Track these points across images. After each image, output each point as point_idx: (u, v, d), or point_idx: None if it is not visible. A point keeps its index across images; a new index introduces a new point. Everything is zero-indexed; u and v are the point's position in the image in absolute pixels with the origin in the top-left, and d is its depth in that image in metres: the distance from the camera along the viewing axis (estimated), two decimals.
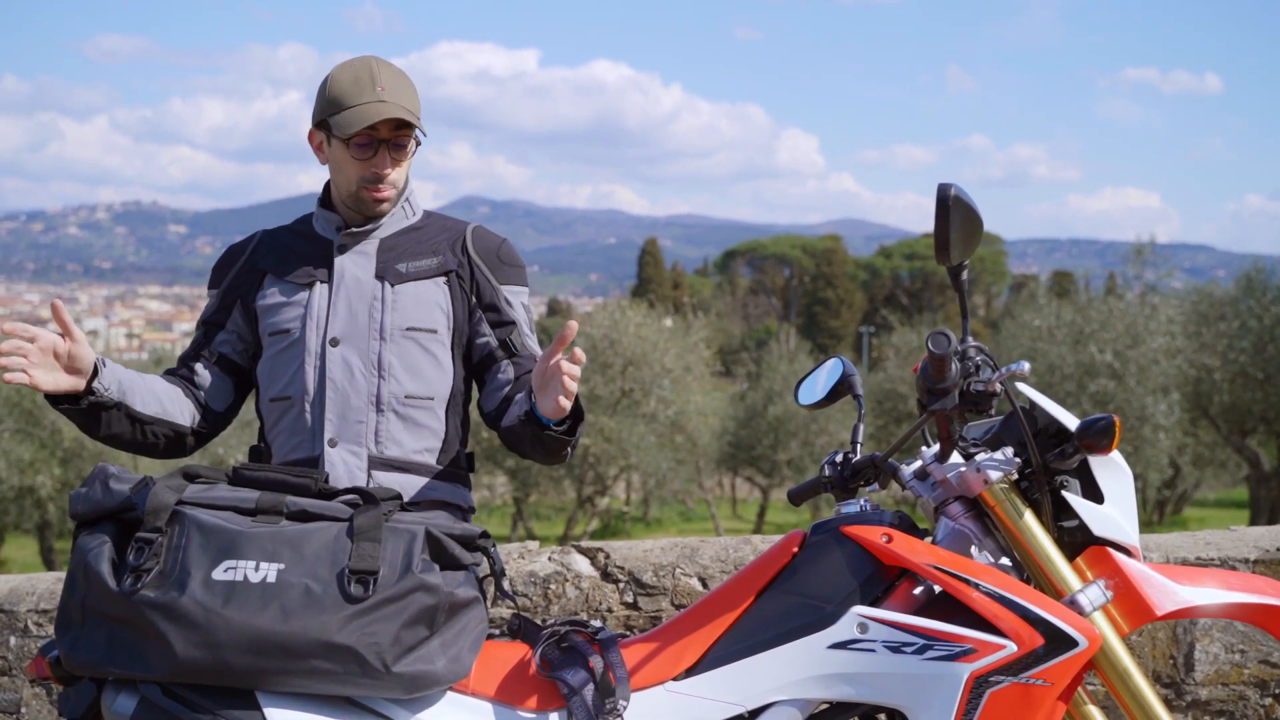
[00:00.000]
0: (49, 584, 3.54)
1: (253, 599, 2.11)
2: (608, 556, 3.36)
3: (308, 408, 2.74)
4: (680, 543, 3.42)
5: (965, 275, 2.36)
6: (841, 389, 2.61)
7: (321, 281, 2.77)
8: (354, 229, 2.79)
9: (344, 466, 2.69)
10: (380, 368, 2.73)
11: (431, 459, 2.77)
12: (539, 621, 2.77)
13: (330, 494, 2.30)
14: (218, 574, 2.12)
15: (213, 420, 2.87)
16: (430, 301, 2.77)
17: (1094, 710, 2.31)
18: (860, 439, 2.55)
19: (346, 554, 2.16)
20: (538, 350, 2.81)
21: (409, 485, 2.71)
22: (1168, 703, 3.22)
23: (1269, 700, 3.24)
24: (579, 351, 2.44)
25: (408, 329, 2.74)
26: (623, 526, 31.44)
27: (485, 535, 2.32)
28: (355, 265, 2.78)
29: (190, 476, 2.29)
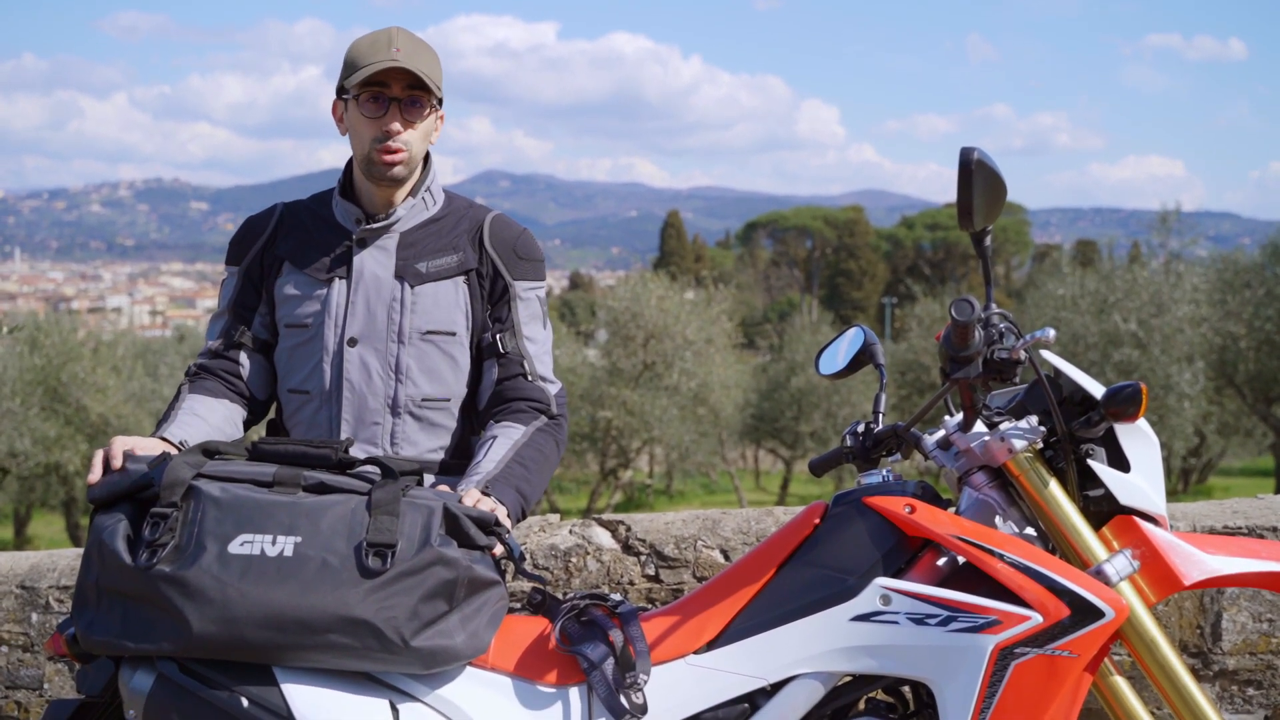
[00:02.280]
0: (69, 560, 3.54)
1: (269, 572, 2.09)
2: (629, 529, 3.34)
3: (324, 406, 2.74)
4: (702, 515, 3.40)
5: (988, 241, 2.32)
6: (863, 358, 2.58)
7: (340, 278, 2.75)
8: (373, 223, 2.76)
9: None
10: (398, 371, 2.72)
11: (444, 455, 2.79)
12: (559, 595, 2.75)
13: (350, 464, 2.28)
14: (234, 547, 2.11)
15: (259, 408, 2.86)
16: (450, 303, 2.75)
17: (1120, 681, 2.29)
18: (882, 409, 2.51)
19: (364, 527, 2.14)
20: (529, 349, 2.79)
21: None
22: (1195, 673, 3.19)
23: None
24: None
25: (427, 332, 2.73)
26: (646, 499, 31.49)
27: (499, 523, 2.30)
28: (375, 262, 2.75)
29: (209, 452, 2.27)
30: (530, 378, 2.76)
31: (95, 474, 2.32)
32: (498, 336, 2.77)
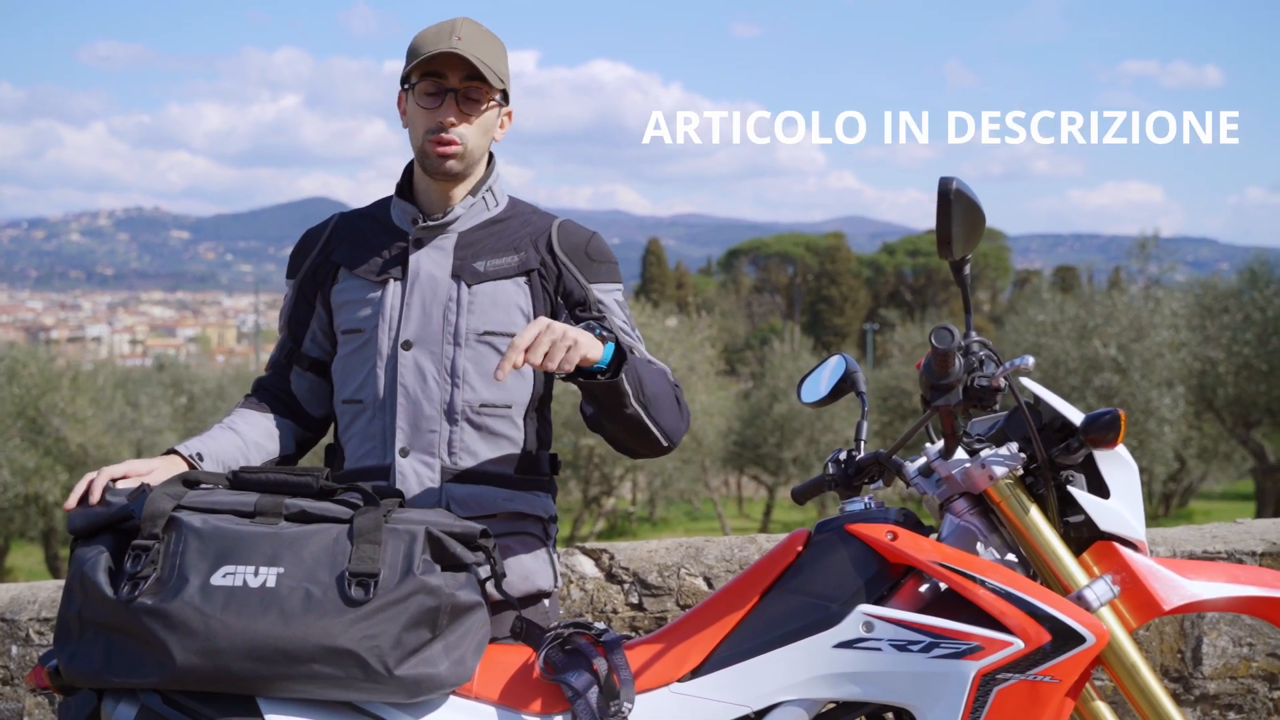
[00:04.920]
0: (50, 592, 3.53)
1: (252, 604, 2.09)
2: (612, 558, 3.35)
3: (379, 414, 2.62)
4: (685, 543, 3.41)
5: (968, 270, 2.34)
6: (844, 386, 2.59)
7: (395, 279, 2.64)
8: (430, 222, 2.66)
9: (416, 478, 2.58)
10: (454, 375, 2.60)
11: (509, 469, 2.63)
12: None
13: (330, 492, 2.28)
14: (216, 579, 2.10)
15: (318, 425, 2.79)
16: (509, 303, 2.63)
17: (1102, 706, 2.30)
18: (864, 436, 2.52)
19: (346, 556, 2.14)
20: (638, 345, 2.63)
21: (485, 497, 2.59)
22: (1176, 697, 3.20)
23: (1277, 693, 3.22)
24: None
25: (484, 333, 2.61)
26: (629, 527, 31.43)
27: (486, 534, 2.29)
28: (431, 262, 2.64)
29: (189, 482, 2.27)
30: (635, 354, 2.56)
31: (72, 500, 2.30)
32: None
